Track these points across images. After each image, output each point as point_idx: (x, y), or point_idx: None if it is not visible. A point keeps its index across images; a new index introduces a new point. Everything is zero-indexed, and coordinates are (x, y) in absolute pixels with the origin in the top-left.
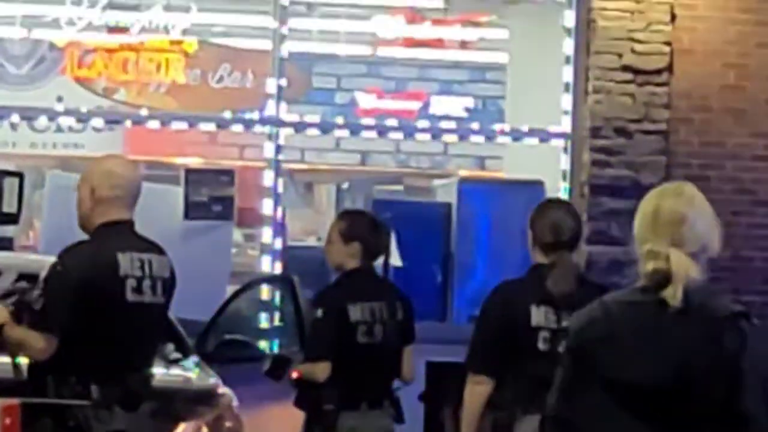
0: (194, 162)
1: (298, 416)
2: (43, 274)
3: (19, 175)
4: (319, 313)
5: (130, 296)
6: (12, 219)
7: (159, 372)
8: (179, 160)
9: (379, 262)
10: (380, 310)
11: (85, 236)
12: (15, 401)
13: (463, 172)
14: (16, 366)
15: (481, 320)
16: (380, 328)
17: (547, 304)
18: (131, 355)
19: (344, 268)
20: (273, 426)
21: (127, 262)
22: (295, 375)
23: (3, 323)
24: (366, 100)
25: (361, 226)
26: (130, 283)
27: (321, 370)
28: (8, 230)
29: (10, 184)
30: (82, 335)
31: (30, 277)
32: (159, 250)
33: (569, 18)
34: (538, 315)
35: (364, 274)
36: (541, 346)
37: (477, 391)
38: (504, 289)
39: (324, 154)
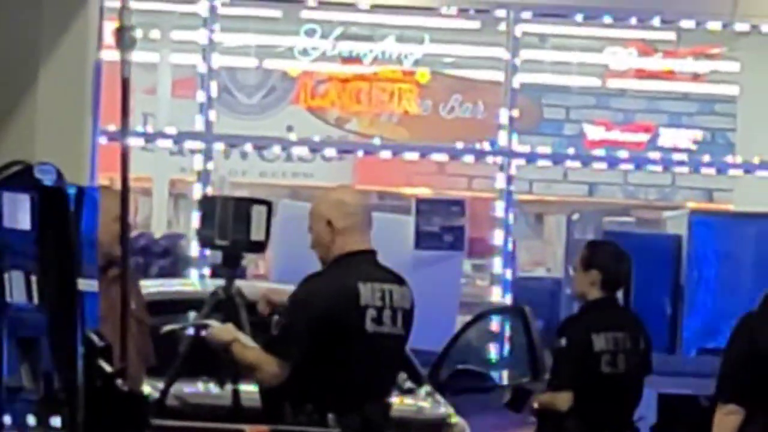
0: (424, 192)
1: None
2: (282, 300)
3: (267, 204)
4: (563, 342)
5: (370, 326)
6: (259, 247)
7: (393, 401)
8: (408, 190)
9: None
10: (623, 340)
11: (317, 264)
12: (264, 428)
13: (692, 205)
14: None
15: (727, 351)
16: (623, 357)
17: None
18: (370, 385)
19: (586, 298)
20: None
21: (368, 292)
22: (536, 405)
23: (232, 341)
24: (594, 132)
25: (602, 255)
26: (370, 313)
27: (563, 400)
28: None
29: (258, 212)
30: (320, 363)
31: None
32: (400, 281)
33: None
34: None
35: (606, 304)
36: None
37: (727, 421)
38: (748, 320)
39: (552, 185)
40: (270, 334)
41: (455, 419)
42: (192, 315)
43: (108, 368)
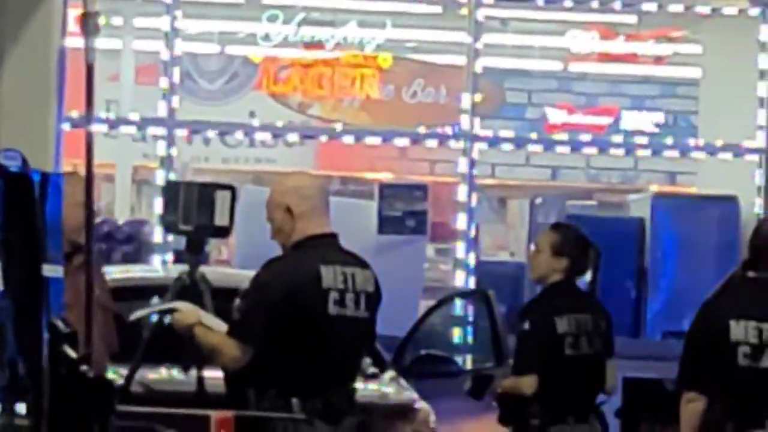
0: (386, 177)
1: (499, 431)
2: (241, 286)
3: (231, 189)
4: (526, 325)
5: (332, 309)
6: (223, 232)
7: (356, 386)
8: (371, 175)
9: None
10: (585, 323)
11: (280, 250)
12: (229, 414)
13: (654, 188)
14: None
15: (686, 339)
16: (586, 340)
17: (748, 319)
18: (333, 369)
19: (547, 281)
20: None
21: (330, 274)
22: (500, 390)
23: (194, 323)
24: (556, 116)
25: (572, 243)
26: (333, 296)
27: (527, 384)
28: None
29: (222, 197)
30: (282, 347)
31: (226, 292)
32: (363, 264)
33: (765, 32)
34: (738, 330)
35: (568, 287)
36: (741, 361)
37: (690, 408)
38: (705, 307)
39: (514, 170)
40: (231, 318)
41: (419, 404)
42: (156, 301)
43: (73, 354)
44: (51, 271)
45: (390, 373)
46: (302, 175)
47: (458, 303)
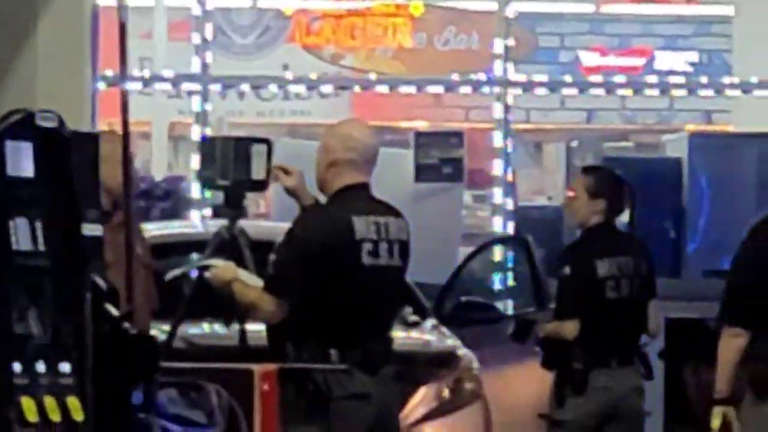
0: (421, 125)
1: (542, 376)
2: (278, 240)
3: (267, 142)
4: (567, 270)
5: (366, 260)
6: (261, 186)
7: (398, 335)
8: (406, 124)
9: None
10: (626, 265)
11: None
12: (272, 367)
13: (690, 127)
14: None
15: (731, 271)
16: (627, 282)
17: None
18: (370, 319)
19: (586, 224)
20: (515, 386)
21: (362, 225)
22: (542, 335)
23: (232, 280)
24: (590, 58)
25: (607, 183)
26: (366, 246)
27: (570, 329)
28: None
29: (258, 151)
30: (319, 299)
31: (266, 245)
32: (396, 213)
33: None
34: None
35: (607, 230)
36: None
37: (733, 344)
38: (747, 239)
39: (549, 114)
40: (266, 273)
41: (462, 351)
42: (195, 256)
43: (115, 312)
44: (90, 230)
45: (431, 321)
46: (356, 125)
47: (497, 249)
